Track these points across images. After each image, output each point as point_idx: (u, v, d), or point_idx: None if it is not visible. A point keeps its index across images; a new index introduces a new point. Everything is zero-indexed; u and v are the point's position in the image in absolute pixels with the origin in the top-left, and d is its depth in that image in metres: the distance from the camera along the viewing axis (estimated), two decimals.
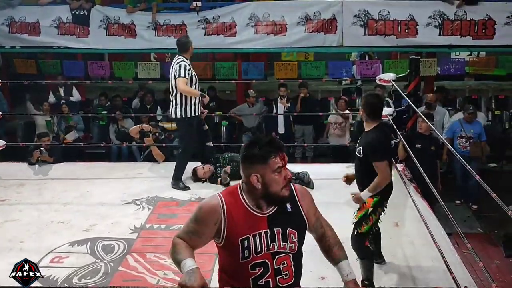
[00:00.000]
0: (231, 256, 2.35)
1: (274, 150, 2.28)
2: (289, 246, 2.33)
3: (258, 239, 2.30)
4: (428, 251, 4.51)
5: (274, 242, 2.31)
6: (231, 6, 9.31)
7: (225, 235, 2.32)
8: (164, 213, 5.49)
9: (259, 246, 2.29)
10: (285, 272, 2.34)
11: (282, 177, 2.29)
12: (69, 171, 6.79)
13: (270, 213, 2.34)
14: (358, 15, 8.89)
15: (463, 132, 7.99)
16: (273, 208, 2.35)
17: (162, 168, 6.76)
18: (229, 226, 2.31)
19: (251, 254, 2.30)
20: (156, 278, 4.23)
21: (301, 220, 2.41)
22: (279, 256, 2.32)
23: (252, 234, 2.30)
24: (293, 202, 2.40)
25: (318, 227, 2.50)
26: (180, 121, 6.07)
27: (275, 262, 2.32)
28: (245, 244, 2.29)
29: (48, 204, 5.77)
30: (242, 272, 2.33)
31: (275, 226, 2.32)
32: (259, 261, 2.31)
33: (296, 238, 2.36)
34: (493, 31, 8.72)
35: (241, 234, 2.29)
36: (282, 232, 2.32)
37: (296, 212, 2.40)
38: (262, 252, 2.30)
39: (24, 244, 4.79)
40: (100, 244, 4.80)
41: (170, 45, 9.27)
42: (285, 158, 2.31)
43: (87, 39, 9.50)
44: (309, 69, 9.84)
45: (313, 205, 2.51)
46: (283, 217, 2.35)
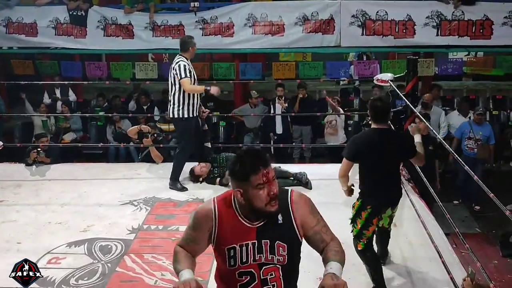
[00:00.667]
0: (221, 262, 2.38)
1: (256, 167, 2.21)
2: (277, 259, 2.31)
3: (245, 250, 2.29)
4: (426, 251, 4.51)
5: (261, 254, 2.30)
6: (228, 6, 9.31)
7: (215, 241, 2.35)
8: (161, 214, 5.48)
9: (245, 257, 2.29)
10: (273, 283, 2.32)
11: (265, 193, 2.22)
12: (66, 172, 6.78)
13: (259, 224, 2.31)
14: (356, 15, 8.90)
15: (471, 134, 7.95)
16: (263, 220, 2.32)
17: (159, 169, 6.75)
18: (219, 233, 2.33)
19: (236, 263, 2.31)
20: (154, 279, 4.22)
21: (292, 233, 2.34)
22: (266, 267, 2.31)
23: (239, 244, 2.30)
24: (286, 214, 2.34)
25: (317, 241, 2.39)
26: (178, 121, 6.06)
27: (262, 273, 2.31)
28: (231, 253, 2.30)
29: (45, 205, 5.75)
30: (231, 278, 2.35)
31: (263, 238, 2.30)
32: (245, 270, 2.31)
33: (285, 251, 2.31)
34: (490, 31, 8.73)
35: (228, 243, 2.31)
36: (270, 245, 2.30)
37: (288, 225, 2.34)
38: (248, 263, 2.30)
39: (22, 245, 4.78)
40: (97, 245, 4.79)
41: (168, 46, 9.30)
42: (269, 174, 2.22)
43: (84, 39, 9.49)
44: (307, 69, 9.84)
45: (313, 216, 2.41)
46: (273, 229, 2.31)
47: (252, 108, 9.20)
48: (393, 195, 4.18)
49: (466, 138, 7.99)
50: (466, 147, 7.97)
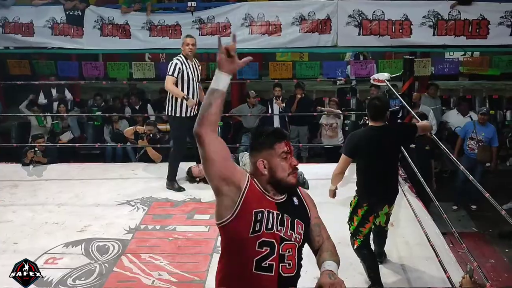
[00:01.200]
0: (239, 230, 2.28)
1: (279, 137, 2.37)
2: (295, 237, 2.33)
3: (271, 216, 2.29)
4: (422, 251, 4.53)
5: (282, 226, 2.30)
6: (225, 6, 9.30)
7: (240, 205, 2.28)
8: (159, 214, 5.48)
9: (271, 223, 2.28)
10: (289, 261, 2.30)
11: (288, 163, 2.35)
12: (63, 172, 6.77)
13: (278, 200, 2.37)
14: (353, 15, 8.90)
15: (474, 134, 7.90)
16: (282, 198, 2.37)
17: (156, 169, 6.74)
18: (246, 198, 2.29)
19: (261, 228, 2.26)
20: (151, 279, 4.22)
21: (306, 215, 2.43)
22: (286, 242, 2.31)
23: (267, 210, 2.30)
24: (299, 198, 2.45)
25: (315, 233, 2.43)
26: (171, 120, 6.09)
27: (282, 248, 2.29)
28: (259, 217, 2.27)
29: (42, 205, 5.75)
30: (247, 251, 2.28)
31: (285, 213, 2.34)
32: (267, 240, 2.26)
33: (303, 230, 2.36)
34: (487, 31, 8.75)
35: (256, 206, 2.29)
36: (291, 220, 2.34)
37: (302, 207, 2.44)
38: (273, 230, 2.27)
39: (18, 246, 4.77)
40: (94, 245, 4.79)
41: (165, 46, 9.30)
42: (291, 146, 2.37)
43: (81, 39, 9.46)
44: (303, 69, 9.84)
45: (314, 208, 2.52)
46: (291, 208, 2.38)
47: (250, 108, 9.20)
48: (390, 192, 4.21)
49: (468, 138, 7.96)
50: (468, 147, 7.95)
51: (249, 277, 2.27)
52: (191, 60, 5.95)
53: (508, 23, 8.69)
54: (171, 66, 5.82)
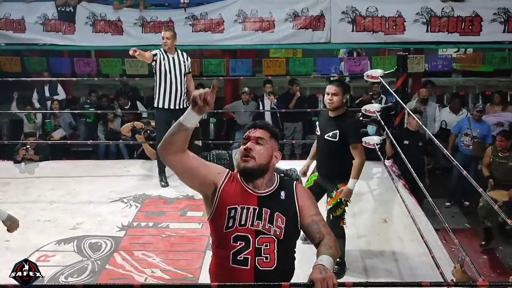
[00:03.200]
0: (217, 226, 2.39)
1: (249, 127, 2.49)
2: (274, 230, 2.34)
3: (245, 213, 2.35)
4: (416, 247, 4.54)
5: (259, 220, 2.34)
6: (218, 2, 9.25)
7: (217, 203, 2.39)
8: (151, 211, 5.46)
9: (244, 219, 2.34)
10: (266, 255, 2.32)
11: (242, 148, 2.42)
12: (55, 169, 6.73)
13: (261, 194, 2.41)
14: (346, 12, 8.89)
15: (469, 130, 7.89)
16: (266, 191, 2.41)
17: (149, 166, 6.71)
18: (221, 195, 2.40)
19: (235, 224, 2.34)
20: (144, 276, 4.21)
21: (292, 210, 2.41)
22: (262, 236, 2.33)
23: (241, 206, 2.36)
24: (289, 193, 2.45)
25: (314, 231, 2.40)
26: (155, 111, 6.22)
27: (257, 241, 2.32)
28: (232, 213, 2.35)
29: (34, 203, 5.71)
30: (225, 245, 2.36)
31: (264, 206, 2.37)
32: (241, 234, 2.33)
33: (283, 224, 2.35)
34: (479, 27, 8.77)
35: (230, 203, 2.37)
36: (270, 214, 2.36)
37: (289, 202, 2.43)
38: (246, 226, 2.33)
39: (10, 243, 4.72)
40: (87, 242, 4.77)
41: (158, 42, 9.18)
42: (253, 133, 2.43)
43: (73, 36, 9.39)
44: (297, 65, 9.83)
45: (313, 206, 2.48)
46: (275, 201, 2.40)
47: (244, 105, 9.18)
48: None
49: (463, 134, 7.95)
50: (462, 143, 7.93)
51: (228, 271, 2.34)
52: (171, 53, 5.96)
53: (501, 20, 8.71)
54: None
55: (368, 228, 5.03)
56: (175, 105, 5.99)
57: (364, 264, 4.37)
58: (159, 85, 5.98)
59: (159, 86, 5.98)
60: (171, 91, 5.96)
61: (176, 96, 5.97)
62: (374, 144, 6.23)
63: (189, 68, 6.14)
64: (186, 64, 6.05)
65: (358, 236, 4.87)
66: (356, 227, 5.02)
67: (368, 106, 6.63)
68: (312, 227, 2.41)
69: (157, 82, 5.99)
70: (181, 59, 6.00)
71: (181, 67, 5.99)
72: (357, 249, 4.61)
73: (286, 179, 2.57)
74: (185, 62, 6.04)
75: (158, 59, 5.89)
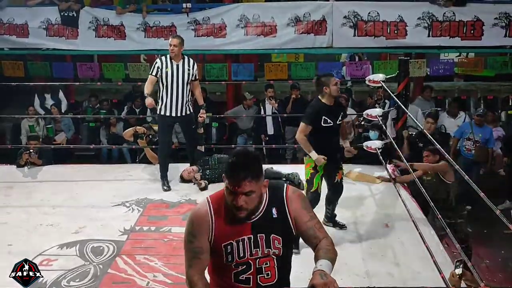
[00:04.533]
0: (216, 261, 2.38)
1: (233, 170, 2.25)
2: (273, 252, 2.34)
3: (241, 245, 2.32)
4: (417, 251, 4.53)
5: (257, 248, 2.33)
6: (221, 7, 9.29)
7: (213, 240, 2.34)
8: (154, 215, 5.48)
9: (242, 252, 2.32)
10: (267, 272, 2.35)
11: (230, 199, 2.27)
12: (58, 174, 6.75)
13: (254, 219, 2.34)
14: (348, 16, 8.91)
15: (471, 135, 7.82)
16: (258, 214, 2.34)
17: (152, 170, 6.73)
18: (216, 232, 2.33)
19: (234, 259, 2.33)
20: (146, 281, 4.22)
21: (286, 227, 2.38)
22: (262, 258, 2.35)
23: (235, 240, 2.32)
24: (281, 208, 2.38)
25: (310, 237, 2.40)
26: (157, 118, 6.28)
27: (258, 263, 2.35)
28: (228, 250, 2.32)
29: (37, 207, 5.73)
30: (226, 270, 2.37)
31: (259, 233, 2.33)
32: (242, 262, 2.34)
33: (281, 244, 2.35)
34: (481, 32, 8.78)
35: (225, 240, 2.32)
36: (266, 239, 2.33)
37: (282, 218, 2.37)
38: (245, 257, 2.33)
39: (13, 247, 4.75)
40: (89, 246, 4.79)
41: (160, 47, 9.26)
42: (241, 187, 2.22)
43: (76, 40, 9.42)
44: (299, 70, 9.84)
45: (307, 211, 2.43)
46: (268, 223, 2.34)
47: (246, 110, 9.19)
48: None
49: (465, 138, 7.89)
50: (464, 148, 7.87)
51: (230, 286, 2.38)
52: (176, 60, 5.94)
53: (503, 24, 8.72)
54: (153, 65, 6.03)
55: (370, 232, 5.03)
56: (176, 112, 6.01)
57: (366, 268, 4.37)
58: (162, 92, 5.99)
59: (162, 93, 5.99)
60: (172, 98, 5.96)
61: (177, 103, 5.97)
62: (376, 149, 6.24)
63: (195, 76, 6.09)
64: (191, 72, 6.01)
65: (360, 240, 4.87)
66: (358, 231, 5.02)
67: (370, 111, 6.63)
68: (308, 233, 2.40)
69: (160, 88, 6.01)
70: (185, 66, 5.97)
71: (184, 75, 5.96)
72: (359, 253, 4.62)
73: (275, 189, 2.43)
74: (190, 70, 6.00)
75: (160, 68, 5.91)
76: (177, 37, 6.06)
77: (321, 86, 4.84)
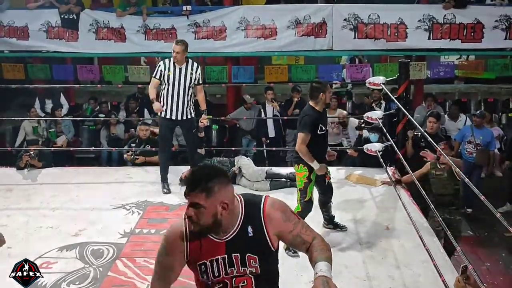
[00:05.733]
0: (195, 275, 2.38)
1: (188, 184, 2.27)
2: (250, 270, 2.28)
3: (216, 265, 2.27)
4: (418, 254, 4.52)
5: (232, 267, 2.27)
6: (221, 10, 9.30)
7: (188, 258, 2.32)
8: (154, 218, 5.46)
9: (217, 271, 2.28)
10: None
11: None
12: (58, 176, 6.74)
13: (228, 238, 2.27)
14: (348, 19, 8.93)
15: (472, 138, 7.81)
16: (232, 233, 2.27)
17: (152, 173, 6.72)
18: (191, 251, 2.30)
19: (209, 277, 2.29)
20: (146, 283, 4.20)
21: (263, 245, 2.29)
22: (238, 277, 2.29)
23: (209, 260, 2.27)
24: (257, 226, 2.28)
25: (299, 244, 2.35)
26: (159, 118, 6.28)
27: (234, 282, 2.29)
28: (203, 269, 2.29)
29: (36, 209, 5.72)
30: (206, 286, 2.35)
31: (233, 252, 2.26)
32: (218, 281, 2.30)
33: (257, 262, 2.27)
34: (481, 34, 8.79)
35: (199, 259, 2.29)
36: (241, 258, 2.27)
37: (258, 236, 2.28)
38: (220, 276, 2.28)
39: (12, 250, 4.73)
40: (89, 249, 4.77)
41: (160, 49, 9.28)
42: (188, 198, 2.24)
43: (76, 43, 9.44)
44: (299, 72, 9.85)
45: (289, 221, 2.32)
46: (243, 242, 2.26)
47: (247, 111, 9.18)
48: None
49: (466, 141, 7.87)
50: (466, 151, 7.86)
51: None
52: (180, 64, 5.91)
53: (503, 26, 8.74)
54: (156, 68, 6.02)
55: (370, 235, 5.02)
56: (177, 116, 5.99)
57: (366, 271, 4.35)
58: (163, 95, 5.99)
59: (163, 96, 5.99)
60: (173, 102, 5.95)
61: (178, 107, 5.96)
62: (377, 151, 6.24)
63: (198, 80, 6.05)
64: (194, 76, 5.96)
65: (360, 243, 4.86)
66: (358, 234, 5.01)
67: (370, 113, 6.63)
68: (296, 241, 2.34)
69: (162, 91, 6.02)
70: (188, 71, 5.93)
71: (187, 79, 5.93)
72: (359, 256, 4.60)
73: (252, 205, 2.31)
74: (193, 74, 5.95)
75: (163, 71, 5.90)
76: (181, 44, 5.91)
77: (318, 92, 4.75)
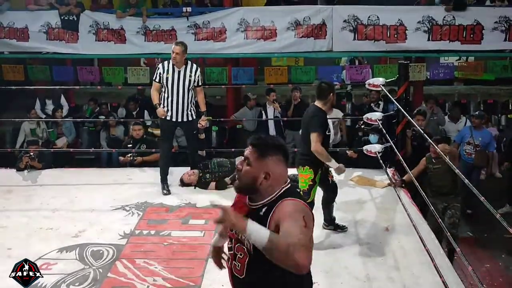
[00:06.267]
0: None
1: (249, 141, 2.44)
2: (246, 243, 2.34)
3: None
4: (418, 255, 4.53)
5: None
6: (221, 11, 9.31)
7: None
8: (154, 219, 5.46)
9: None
10: (238, 263, 2.40)
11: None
12: (58, 177, 6.74)
13: (252, 207, 2.41)
14: (348, 20, 8.93)
15: (471, 139, 7.82)
16: (255, 205, 2.39)
17: (151, 174, 6.72)
18: (236, 201, 2.52)
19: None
20: (146, 285, 4.20)
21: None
22: (239, 244, 2.40)
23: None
24: (268, 211, 2.32)
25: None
26: (159, 120, 6.27)
27: (236, 248, 2.42)
28: None
29: (36, 211, 5.71)
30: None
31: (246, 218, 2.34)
32: (230, 237, 2.48)
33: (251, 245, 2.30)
34: (481, 36, 8.80)
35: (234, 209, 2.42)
36: None
37: (263, 219, 2.29)
38: (233, 231, 2.41)
39: (12, 251, 4.74)
40: (89, 250, 4.77)
41: (160, 51, 9.28)
42: (245, 151, 2.39)
43: (76, 44, 9.44)
44: (299, 74, 9.86)
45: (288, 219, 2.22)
46: (254, 216, 2.30)
47: (251, 111, 9.18)
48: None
49: (465, 143, 7.88)
50: (465, 152, 7.86)
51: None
52: (179, 66, 5.91)
53: (502, 28, 8.75)
54: (155, 71, 6.03)
55: (370, 236, 5.02)
56: (177, 118, 5.99)
57: (366, 272, 4.35)
58: (163, 97, 6.00)
59: (163, 97, 6.00)
60: (173, 104, 5.96)
61: (178, 109, 5.97)
62: (376, 153, 6.24)
63: (198, 82, 6.04)
64: (193, 78, 5.95)
65: (360, 244, 4.86)
66: (358, 235, 5.01)
67: (370, 115, 6.63)
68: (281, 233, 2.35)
69: (162, 94, 6.02)
70: (187, 73, 5.93)
71: (186, 81, 5.92)
72: (359, 257, 4.60)
73: (285, 194, 2.35)
74: (192, 76, 5.94)
75: (161, 73, 5.91)
76: (180, 45, 5.93)
77: (328, 92, 4.76)
